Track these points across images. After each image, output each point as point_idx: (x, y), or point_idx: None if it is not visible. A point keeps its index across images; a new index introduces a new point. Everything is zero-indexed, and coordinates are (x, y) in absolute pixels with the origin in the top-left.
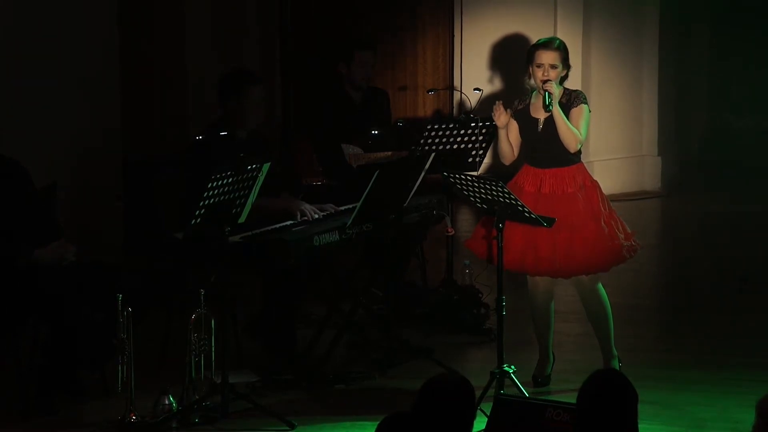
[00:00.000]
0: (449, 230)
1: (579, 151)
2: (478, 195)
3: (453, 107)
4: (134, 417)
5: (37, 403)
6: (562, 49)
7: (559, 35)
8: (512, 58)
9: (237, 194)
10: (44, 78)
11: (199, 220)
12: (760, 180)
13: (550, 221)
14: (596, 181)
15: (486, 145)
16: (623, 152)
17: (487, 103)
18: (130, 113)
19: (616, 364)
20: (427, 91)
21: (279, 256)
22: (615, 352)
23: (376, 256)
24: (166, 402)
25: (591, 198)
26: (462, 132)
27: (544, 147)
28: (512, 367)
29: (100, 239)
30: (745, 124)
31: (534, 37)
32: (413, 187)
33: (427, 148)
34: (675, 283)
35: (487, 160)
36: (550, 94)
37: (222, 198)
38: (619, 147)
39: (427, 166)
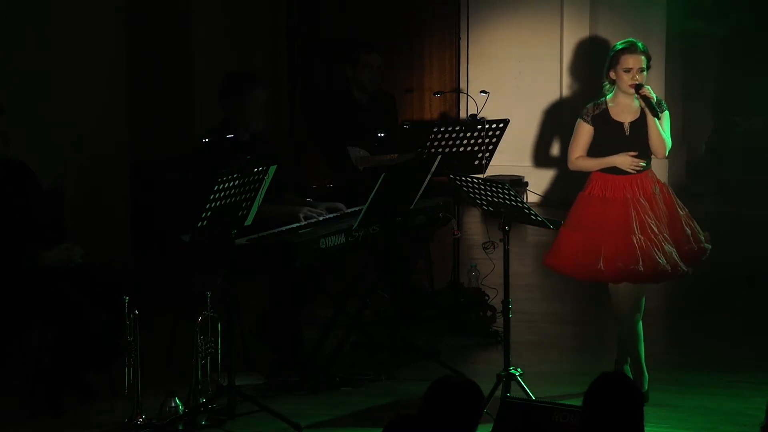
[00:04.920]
0: (456, 232)
1: (650, 157)
2: (484, 197)
3: (459, 110)
4: (141, 419)
5: (44, 404)
6: (647, 52)
7: (566, 39)
8: (518, 60)
9: (243, 196)
10: (52, 79)
11: (205, 222)
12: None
13: (556, 224)
14: (665, 184)
15: (493, 148)
16: None
17: (492, 105)
18: (138, 115)
19: (627, 371)
20: (434, 94)
21: (285, 258)
22: (629, 359)
23: (383, 258)
24: (173, 404)
25: (667, 201)
26: (468, 134)
27: (632, 151)
28: (519, 369)
29: (106, 241)
30: (753, 127)
31: (540, 40)
32: (419, 190)
33: (433, 150)
34: (682, 285)
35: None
36: (650, 99)
37: (228, 200)
38: None
39: (433, 168)
